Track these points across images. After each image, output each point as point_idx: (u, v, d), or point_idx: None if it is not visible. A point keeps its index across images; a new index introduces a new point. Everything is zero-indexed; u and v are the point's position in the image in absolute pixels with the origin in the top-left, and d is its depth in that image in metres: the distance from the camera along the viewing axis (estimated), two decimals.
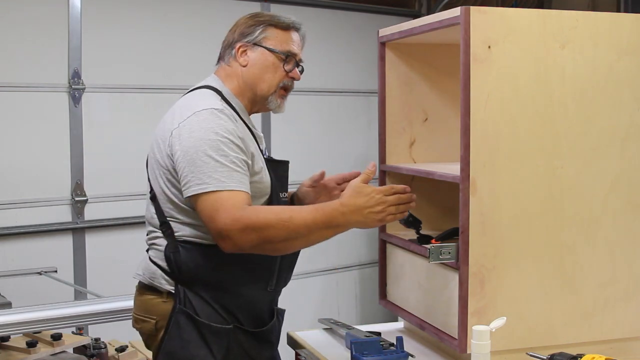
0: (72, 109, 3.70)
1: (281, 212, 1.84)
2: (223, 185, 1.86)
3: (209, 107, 1.95)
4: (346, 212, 1.82)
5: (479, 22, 1.88)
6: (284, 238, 1.83)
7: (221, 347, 1.99)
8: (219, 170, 1.87)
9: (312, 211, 1.83)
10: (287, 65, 2.09)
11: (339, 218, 1.82)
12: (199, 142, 1.89)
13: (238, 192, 1.87)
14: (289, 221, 1.81)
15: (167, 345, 1.99)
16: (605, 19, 2.00)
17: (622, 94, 2.02)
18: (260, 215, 1.83)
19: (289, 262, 2.13)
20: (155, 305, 2.03)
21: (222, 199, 1.84)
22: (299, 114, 4.44)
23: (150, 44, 3.94)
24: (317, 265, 4.55)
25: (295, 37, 2.12)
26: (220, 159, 1.88)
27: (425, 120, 2.44)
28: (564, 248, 2.00)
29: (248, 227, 1.81)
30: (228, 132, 1.92)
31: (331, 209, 1.83)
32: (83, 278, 3.76)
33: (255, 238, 1.82)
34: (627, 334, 2.07)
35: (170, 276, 2.01)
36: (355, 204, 1.82)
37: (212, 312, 2.00)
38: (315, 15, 4.50)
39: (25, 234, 3.61)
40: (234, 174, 1.89)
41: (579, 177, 2.00)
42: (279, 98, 2.11)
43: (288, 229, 1.82)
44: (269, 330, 2.12)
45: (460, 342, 1.95)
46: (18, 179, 3.59)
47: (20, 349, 2.69)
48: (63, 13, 3.66)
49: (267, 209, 1.92)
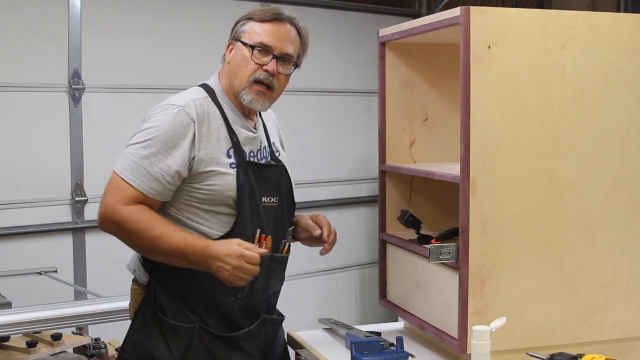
0: (72, 109, 3.70)
1: (154, 227, 1.91)
2: (124, 174, 1.95)
3: (171, 103, 2.00)
4: (205, 256, 1.89)
5: (479, 22, 1.88)
6: (142, 247, 1.98)
7: (179, 345, 2.00)
8: (132, 159, 1.95)
9: (181, 240, 1.91)
10: (256, 58, 2.01)
11: (198, 258, 1.90)
12: (141, 130, 1.98)
13: (131, 188, 1.93)
14: (154, 238, 1.91)
15: (133, 335, 2.06)
16: (605, 19, 2.00)
17: (622, 94, 2.02)
18: (134, 221, 1.92)
19: (264, 271, 1.98)
20: (137, 295, 2.10)
21: (118, 184, 1.95)
22: (299, 114, 4.43)
23: (150, 44, 3.93)
24: (317, 265, 4.54)
25: (276, 28, 2.02)
26: (142, 151, 1.95)
27: (425, 120, 2.44)
28: (564, 248, 2.00)
29: (118, 223, 1.93)
30: (169, 130, 1.95)
31: (197, 247, 1.90)
32: (83, 278, 3.76)
33: (120, 235, 1.96)
34: (627, 334, 2.07)
35: (146, 270, 2.07)
36: (218, 256, 1.87)
37: (177, 309, 2.02)
38: (315, 15, 4.49)
39: (25, 234, 3.61)
40: (140, 171, 1.94)
41: (579, 177, 2.00)
42: (251, 93, 2.02)
43: (150, 244, 1.93)
44: (240, 336, 2.05)
45: (460, 342, 1.95)
46: (18, 179, 3.58)
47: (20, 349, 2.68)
48: (63, 13, 3.65)
49: (145, 217, 1.94)
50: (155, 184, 1.94)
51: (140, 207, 1.93)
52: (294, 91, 2.16)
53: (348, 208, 4.74)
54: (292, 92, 2.15)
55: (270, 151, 2.17)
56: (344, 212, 4.71)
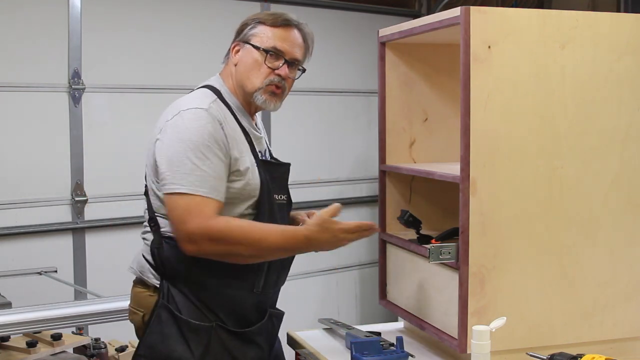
0: (72, 109, 3.70)
1: (252, 232, 1.92)
2: (196, 190, 1.90)
3: (194, 106, 1.97)
4: (309, 245, 1.95)
5: (479, 22, 1.88)
6: (249, 255, 1.95)
7: (199, 344, 2.00)
8: (195, 173, 1.90)
9: (280, 238, 1.94)
10: (269, 62, 2.04)
11: (302, 248, 1.96)
12: (180, 142, 1.93)
13: (210, 200, 1.91)
14: (257, 242, 1.92)
15: (149, 339, 2.03)
16: (605, 19, 2.00)
17: (622, 94, 2.02)
18: (232, 230, 1.90)
19: (279, 265, 2.09)
20: (144, 299, 2.07)
21: (194, 202, 1.89)
22: (299, 114, 4.43)
23: (150, 43, 3.93)
24: (317, 265, 4.54)
25: (287, 34, 2.07)
26: (197, 162, 1.91)
27: (425, 120, 2.44)
28: (564, 248, 2.00)
29: (218, 238, 1.89)
30: (209, 134, 1.93)
31: (297, 241, 1.94)
32: (83, 278, 3.76)
33: (222, 250, 1.91)
34: (627, 334, 2.07)
35: (157, 271, 2.05)
36: (319, 240, 1.94)
37: (193, 308, 2.02)
38: (315, 15, 4.49)
39: (25, 234, 3.61)
40: (209, 180, 1.91)
41: (579, 177, 2.00)
42: (265, 94, 2.06)
43: (255, 249, 1.93)
44: (254, 331, 2.08)
45: (460, 342, 1.95)
46: (18, 179, 3.58)
47: (20, 349, 2.68)
48: (63, 13, 3.65)
49: (239, 224, 1.94)
50: (223, 187, 1.95)
51: (224, 217, 1.94)
52: (294, 91, 2.17)
53: (348, 208, 4.74)
54: (292, 92, 2.16)
55: (269, 151, 2.20)
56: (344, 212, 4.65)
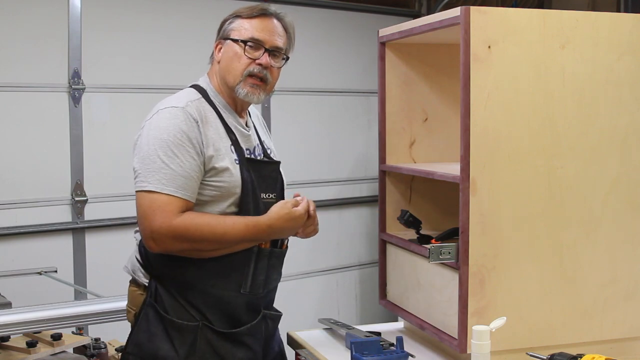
0: (72, 109, 3.69)
1: (216, 226, 1.95)
2: (162, 188, 1.91)
3: (171, 105, 1.99)
4: (272, 233, 2.01)
5: (479, 22, 1.88)
6: (213, 249, 1.98)
7: (184, 343, 2.01)
8: (163, 171, 1.92)
9: (244, 229, 1.97)
10: (249, 53, 2.04)
11: (264, 237, 2.02)
12: (152, 140, 1.95)
13: (175, 198, 1.92)
14: (222, 236, 1.95)
15: (136, 337, 2.05)
16: (605, 19, 2.00)
17: (622, 94, 2.02)
18: (197, 227, 1.93)
19: (265, 265, 2.07)
20: (136, 297, 2.09)
21: (160, 200, 1.91)
22: (299, 114, 4.43)
23: (150, 44, 3.93)
24: (317, 265, 4.54)
25: (264, 24, 2.06)
26: (167, 160, 1.92)
27: (425, 120, 2.44)
28: (564, 248, 2.00)
29: (182, 236, 1.92)
30: (181, 132, 1.94)
31: (259, 230, 1.98)
32: (83, 278, 3.76)
33: (186, 247, 1.95)
34: (627, 334, 2.07)
35: (145, 269, 2.06)
36: (282, 228, 2.00)
37: (179, 308, 2.02)
38: (315, 15, 4.49)
39: (25, 234, 3.60)
40: (177, 179, 1.92)
41: (579, 177, 2.00)
42: (246, 87, 2.05)
43: (219, 242, 1.97)
44: (243, 332, 2.07)
45: (460, 342, 1.95)
46: (18, 179, 3.58)
47: (20, 349, 2.68)
48: (63, 13, 3.65)
49: (204, 220, 1.95)
50: (193, 186, 1.96)
51: (189, 213, 1.94)
52: (294, 91, 2.17)
53: (348, 208, 4.74)
54: (292, 92, 2.16)
55: (263, 149, 2.19)
56: (344, 212, 4.71)
